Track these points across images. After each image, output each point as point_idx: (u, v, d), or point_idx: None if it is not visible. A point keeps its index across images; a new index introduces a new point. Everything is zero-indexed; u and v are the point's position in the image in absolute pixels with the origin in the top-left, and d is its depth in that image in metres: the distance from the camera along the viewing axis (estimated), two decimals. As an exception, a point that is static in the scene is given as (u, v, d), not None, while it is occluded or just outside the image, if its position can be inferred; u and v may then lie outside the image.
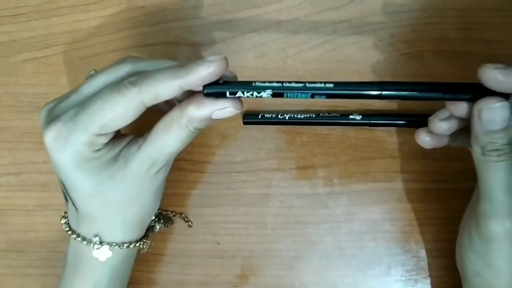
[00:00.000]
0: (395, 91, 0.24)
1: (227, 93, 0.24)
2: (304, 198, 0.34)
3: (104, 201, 0.27)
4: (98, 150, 0.25)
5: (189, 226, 0.35)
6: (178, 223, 0.35)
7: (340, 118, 0.33)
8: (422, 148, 0.33)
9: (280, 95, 0.24)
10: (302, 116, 0.33)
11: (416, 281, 0.33)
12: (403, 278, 0.33)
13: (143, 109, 0.25)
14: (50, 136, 0.25)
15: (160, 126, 0.26)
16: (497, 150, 0.23)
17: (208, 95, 0.25)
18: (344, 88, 0.24)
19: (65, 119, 0.25)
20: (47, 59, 0.36)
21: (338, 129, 0.34)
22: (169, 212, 0.35)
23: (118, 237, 0.29)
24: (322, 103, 0.34)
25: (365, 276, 0.34)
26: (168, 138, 0.26)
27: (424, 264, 0.33)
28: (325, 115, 0.33)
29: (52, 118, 0.26)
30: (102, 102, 0.24)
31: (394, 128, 0.34)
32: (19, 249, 0.36)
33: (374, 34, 0.34)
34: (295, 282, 0.34)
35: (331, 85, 0.24)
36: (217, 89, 0.25)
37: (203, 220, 0.35)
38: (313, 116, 0.33)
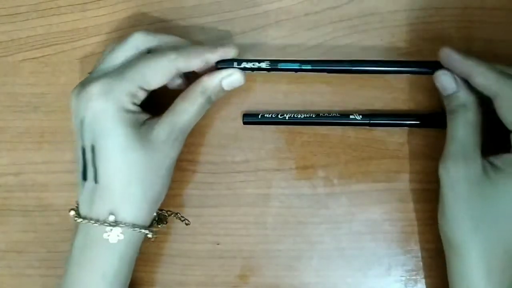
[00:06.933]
0: (364, 66, 0.31)
1: (235, 64, 0.31)
2: (304, 198, 0.34)
3: (129, 165, 0.29)
4: (135, 105, 0.29)
5: (186, 224, 0.35)
6: (178, 223, 0.35)
7: (340, 118, 0.33)
8: (422, 148, 0.33)
9: (275, 66, 0.31)
10: (302, 116, 0.33)
11: (416, 281, 0.33)
12: (403, 278, 0.33)
13: (176, 74, 0.30)
14: (97, 88, 0.28)
15: (180, 97, 0.31)
16: (456, 107, 0.29)
17: (220, 69, 0.31)
18: (326, 63, 0.32)
19: (112, 75, 0.29)
20: (46, 59, 0.36)
21: (338, 129, 0.34)
22: (165, 211, 0.35)
23: (132, 215, 0.29)
24: (322, 103, 0.34)
25: (365, 276, 0.34)
26: (186, 105, 0.30)
27: (425, 264, 0.33)
28: (325, 115, 0.33)
29: (91, 80, 0.29)
30: (146, 61, 0.29)
31: (394, 128, 0.34)
32: (18, 249, 0.36)
33: (374, 33, 0.34)
34: (295, 283, 0.34)
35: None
36: (226, 63, 0.31)
37: (203, 220, 0.35)
38: (313, 116, 0.33)
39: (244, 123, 0.34)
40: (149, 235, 0.31)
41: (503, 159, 0.28)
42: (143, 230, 0.30)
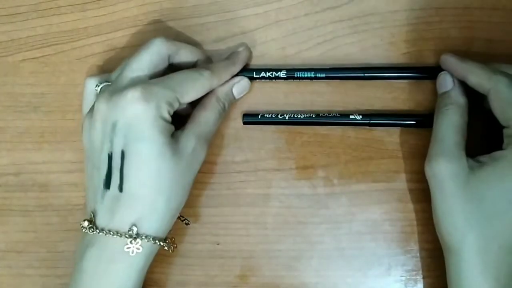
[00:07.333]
0: (376, 73, 0.33)
1: (254, 74, 0.34)
2: (304, 198, 0.34)
3: (159, 174, 0.28)
4: (170, 115, 0.29)
5: (186, 224, 0.35)
6: (178, 223, 0.35)
7: (340, 118, 0.33)
8: (422, 148, 0.33)
9: (292, 75, 0.33)
10: (302, 116, 0.33)
11: (416, 281, 0.33)
12: (403, 278, 0.33)
13: (209, 90, 0.31)
14: (136, 92, 0.28)
15: (198, 107, 0.32)
16: (445, 105, 0.30)
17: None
18: (339, 71, 0.33)
19: (149, 82, 0.29)
20: (45, 59, 0.36)
21: (338, 129, 0.34)
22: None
23: (154, 227, 0.29)
24: (322, 103, 0.34)
25: (365, 276, 0.34)
26: (205, 114, 0.32)
27: (424, 264, 0.33)
28: (325, 115, 0.33)
29: (125, 85, 0.29)
30: (184, 75, 0.30)
31: (393, 128, 0.34)
32: (18, 249, 0.36)
33: (374, 33, 0.34)
34: (295, 283, 0.34)
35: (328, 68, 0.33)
36: (246, 73, 0.34)
37: (203, 220, 0.35)
38: (313, 116, 0.33)
39: (244, 123, 0.34)
40: (166, 247, 0.30)
41: (491, 155, 0.28)
42: (162, 243, 0.29)
